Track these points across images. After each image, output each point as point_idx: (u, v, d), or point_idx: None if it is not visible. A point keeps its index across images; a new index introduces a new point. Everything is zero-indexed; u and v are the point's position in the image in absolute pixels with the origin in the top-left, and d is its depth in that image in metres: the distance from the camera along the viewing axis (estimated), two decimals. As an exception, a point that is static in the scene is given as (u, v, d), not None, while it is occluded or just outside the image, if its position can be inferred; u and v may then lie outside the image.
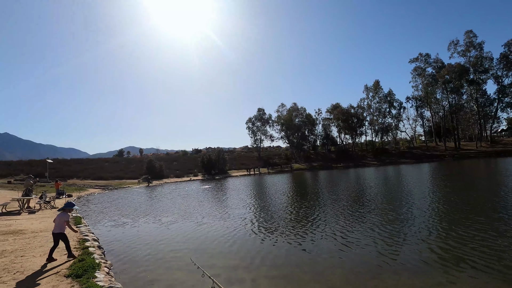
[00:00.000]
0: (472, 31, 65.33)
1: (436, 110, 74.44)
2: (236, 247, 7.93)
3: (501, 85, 65.28)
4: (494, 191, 14.81)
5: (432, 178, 24.08)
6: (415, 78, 73.76)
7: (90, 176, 46.92)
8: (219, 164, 55.76)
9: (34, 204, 16.17)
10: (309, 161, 68.45)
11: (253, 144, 79.24)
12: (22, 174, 42.50)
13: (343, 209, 12.36)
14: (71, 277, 5.31)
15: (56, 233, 6.44)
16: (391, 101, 74.04)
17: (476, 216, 9.51)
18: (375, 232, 8.51)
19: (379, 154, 68.78)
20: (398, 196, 15.22)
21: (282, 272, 6.04)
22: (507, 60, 63.14)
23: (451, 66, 66.00)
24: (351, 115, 75.78)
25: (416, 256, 6.39)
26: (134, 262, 7.11)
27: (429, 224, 9.02)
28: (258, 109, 77.24)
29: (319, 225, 9.89)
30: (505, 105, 66.30)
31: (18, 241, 8.21)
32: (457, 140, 69.77)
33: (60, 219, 6.49)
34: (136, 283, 5.84)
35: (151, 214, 14.36)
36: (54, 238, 6.47)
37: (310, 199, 16.61)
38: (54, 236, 6.46)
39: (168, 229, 10.66)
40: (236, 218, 11.95)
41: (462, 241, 7.17)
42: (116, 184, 39.49)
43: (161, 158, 66.92)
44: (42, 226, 10.44)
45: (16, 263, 6.23)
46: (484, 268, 5.54)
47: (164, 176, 49.76)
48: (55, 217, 6.68)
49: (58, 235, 6.44)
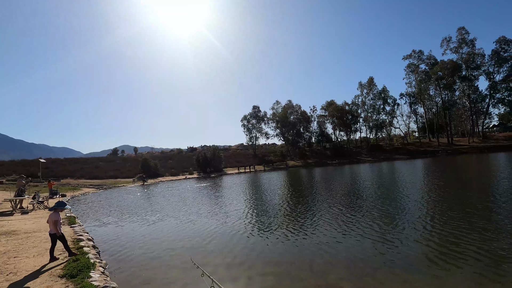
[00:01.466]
0: (464, 28, 66.06)
1: (429, 106, 75.26)
2: (232, 244, 7.95)
3: (492, 81, 66.21)
4: (487, 186, 15.05)
5: (426, 174, 24.37)
6: (408, 75, 74.54)
7: (84, 175, 46.46)
8: (215, 162, 55.67)
9: (27, 205, 15.97)
10: (304, 158, 68.70)
11: (249, 142, 79.33)
12: (15, 174, 41.88)
13: (338, 206, 12.45)
14: (65, 277, 5.27)
15: (51, 234, 6.39)
16: (385, 98, 74.60)
17: (470, 211, 9.67)
18: (371, 228, 8.59)
19: (373, 150, 69.38)
20: (393, 193, 15.39)
21: (278, 269, 6.08)
22: (499, 56, 63.97)
23: (444, 62, 66.63)
24: (346, 112, 76.15)
25: (412, 252, 6.47)
26: (129, 261, 7.08)
27: (424, 220, 9.14)
28: (253, 106, 77.29)
29: (314, 222, 9.95)
30: (496, 101, 67.35)
31: (11, 242, 8.11)
32: (450, 136, 70.62)
33: (50, 219, 6.41)
34: (132, 282, 5.82)
35: (146, 213, 14.29)
36: (52, 238, 6.42)
37: (305, 196, 16.70)
38: (51, 236, 6.40)
39: (163, 228, 10.62)
40: (231, 216, 11.95)
41: (458, 237, 7.28)
42: (111, 183, 39.19)
43: (156, 157, 66.60)
44: (35, 227, 10.32)
45: (9, 264, 6.15)
46: (479, 262, 5.64)
47: (159, 174, 49.50)
48: (48, 217, 6.60)
49: (53, 235, 6.39)
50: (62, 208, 6.70)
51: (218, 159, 56.93)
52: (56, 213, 6.51)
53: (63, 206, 6.73)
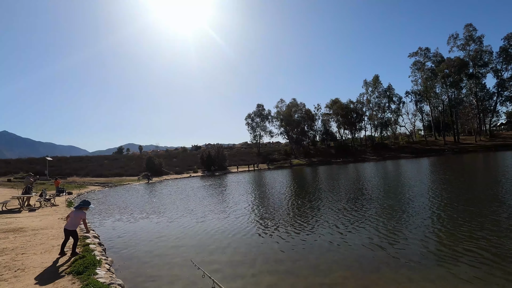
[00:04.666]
0: (471, 25, 64.98)
1: (435, 104, 74.35)
2: (236, 243, 7.96)
3: (500, 79, 65.09)
4: (493, 185, 14.85)
5: (431, 173, 24.13)
6: (414, 73, 73.57)
7: (90, 173, 46.93)
8: (219, 160, 55.76)
9: (34, 202, 16.19)
10: (309, 157, 68.46)
11: (253, 140, 79.18)
12: (22, 172, 42.49)
13: (342, 204, 12.40)
14: (72, 274, 5.34)
15: (69, 229, 6.54)
16: (391, 96, 73.85)
17: (476, 210, 9.56)
18: (375, 226, 8.55)
19: (378, 149, 68.84)
20: (398, 192, 15.27)
21: (282, 267, 6.08)
22: (507, 53, 62.79)
23: (451, 60, 65.70)
24: (351, 110, 75.62)
25: (416, 251, 6.42)
26: (135, 259, 7.14)
27: (429, 218, 9.06)
28: (258, 105, 77.02)
29: (318, 220, 9.93)
30: (504, 98, 66.14)
31: (19, 239, 8.23)
32: (456, 134, 69.76)
33: (75, 216, 6.60)
34: (137, 279, 5.87)
35: (151, 210, 14.39)
36: (66, 234, 6.59)
37: (310, 194, 16.65)
38: (66, 232, 6.56)
39: (168, 226, 10.69)
40: (236, 214, 11.98)
41: (462, 235, 7.21)
42: (116, 181, 39.53)
43: (160, 155, 66.97)
44: (42, 224, 10.46)
45: (17, 261, 6.25)
46: (484, 261, 5.58)
47: (164, 173, 49.79)
48: (69, 213, 6.80)
49: (71, 232, 6.55)
50: (87, 206, 6.88)
51: (222, 158, 57.01)
52: (81, 211, 6.72)
53: (88, 205, 6.89)
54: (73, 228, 6.57)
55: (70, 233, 6.55)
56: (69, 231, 6.53)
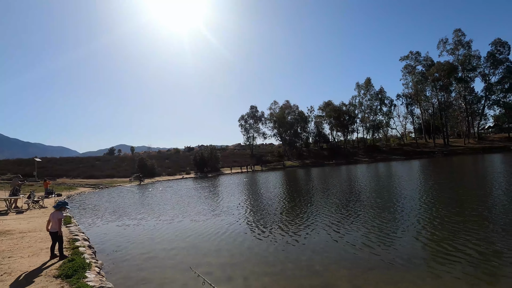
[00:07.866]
0: (460, 30, 66.59)
1: (425, 107, 75.67)
2: (229, 244, 7.94)
3: (488, 83, 66.86)
4: (482, 187, 15.18)
5: (422, 175, 24.52)
6: (405, 76, 74.86)
7: (80, 175, 46.13)
8: (212, 162, 55.57)
9: (22, 204, 15.82)
10: (302, 158, 68.79)
11: (246, 142, 79.19)
12: (10, 173, 41.50)
13: (334, 206, 12.48)
14: (60, 278, 5.23)
15: (53, 232, 6.42)
16: (382, 99, 74.93)
17: (465, 212, 9.75)
18: (367, 228, 8.63)
19: (370, 151, 69.64)
20: (389, 193, 15.46)
21: (275, 268, 6.08)
22: (494, 58, 64.59)
23: (440, 64, 67.08)
24: (343, 112, 76.35)
25: (408, 251, 6.51)
26: (126, 261, 7.05)
27: (421, 219, 9.19)
28: (251, 106, 77.14)
29: (311, 221, 9.97)
30: (492, 102, 67.99)
31: (5, 242, 8.03)
32: (446, 137, 71.13)
33: (53, 218, 6.47)
34: (128, 282, 5.80)
35: (142, 212, 14.23)
36: (52, 236, 6.48)
37: (302, 195, 16.72)
38: (53, 235, 6.45)
39: (159, 228, 10.58)
40: (228, 215, 11.95)
41: (456, 236, 7.33)
42: (107, 182, 38.97)
43: (152, 156, 66.26)
44: (30, 226, 10.24)
45: (3, 264, 6.09)
46: (476, 261, 5.69)
47: (156, 174, 49.31)
48: (49, 216, 6.64)
49: (55, 233, 6.42)
50: (64, 206, 6.86)
51: (215, 159, 56.83)
52: (60, 212, 6.63)
53: (65, 205, 6.93)
54: (57, 229, 6.43)
55: (54, 235, 6.43)
56: (53, 233, 6.42)
